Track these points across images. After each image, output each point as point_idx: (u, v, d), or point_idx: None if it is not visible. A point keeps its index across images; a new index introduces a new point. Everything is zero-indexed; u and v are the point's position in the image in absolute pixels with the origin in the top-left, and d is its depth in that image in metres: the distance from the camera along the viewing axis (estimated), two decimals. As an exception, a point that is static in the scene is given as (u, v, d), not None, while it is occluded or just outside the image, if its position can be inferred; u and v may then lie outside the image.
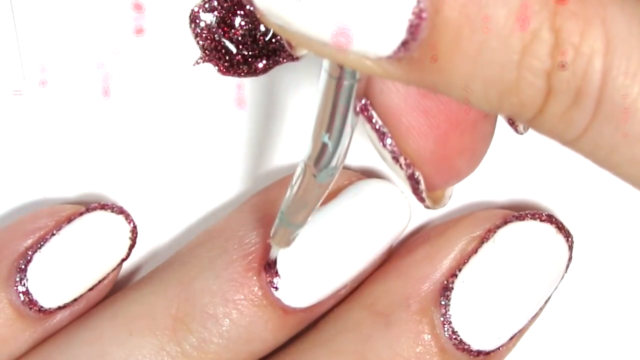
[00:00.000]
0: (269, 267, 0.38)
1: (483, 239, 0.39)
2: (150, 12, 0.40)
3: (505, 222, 0.39)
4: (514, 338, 0.39)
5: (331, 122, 0.29)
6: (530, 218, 0.39)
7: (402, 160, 0.31)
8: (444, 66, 0.25)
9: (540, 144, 0.40)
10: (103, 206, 0.39)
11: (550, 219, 0.39)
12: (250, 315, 0.38)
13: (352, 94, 0.29)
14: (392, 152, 0.30)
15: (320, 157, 0.30)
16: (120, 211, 0.39)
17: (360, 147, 0.40)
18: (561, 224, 0.39)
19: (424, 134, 0.30)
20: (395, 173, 0.31)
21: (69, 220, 0.39)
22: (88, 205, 0.39)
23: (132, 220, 0.39)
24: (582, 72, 0.25)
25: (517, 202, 0.41)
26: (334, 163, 0.30)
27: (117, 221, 0.39)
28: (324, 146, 0.30)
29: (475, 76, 0.25)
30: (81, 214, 0.39)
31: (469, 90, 0.26)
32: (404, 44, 0.25)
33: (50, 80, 0.40)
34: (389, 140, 0.30)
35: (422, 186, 0.31)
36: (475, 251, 0.39)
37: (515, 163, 0.41)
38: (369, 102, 0.30)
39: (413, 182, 0.31)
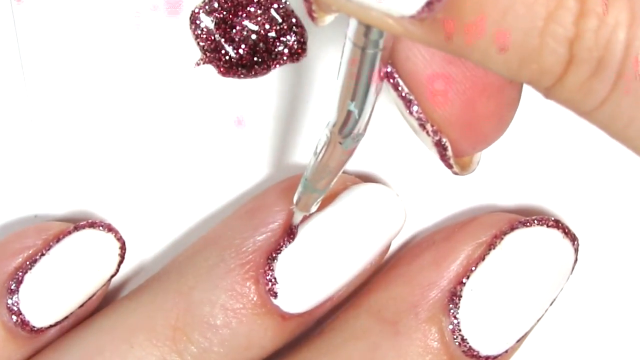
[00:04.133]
0: (291, 232, 0.38)
1: (490, 245, 0.39)
2: (148, 14, 0.40)
3: (512, 228, 0.39)
4: (520, 340, 0.39)
5: (356, 90, 0.29)
6: (537, 224, 0.39)
7: (428, 127, 0.31)
8: (466, 29, 0.26)
9: (544, 144, 0.41)
10: (92, 224, 0.39)
11: (557, 224, 0.39)
12: (250, 324, 0.38)
13: (376, 62, 0.29)
14: (418, 119, 0.30)
15: (345, 124, 0.30)
16: (109, 228, 0.39)
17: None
18: (567, 228, 0.39)
19: (450, 100, 0.30)
20: (422, 140, 0.31)
21: (58, 239, 0.39)
22: (76, 223, 0.39)
23: (120, 236, 0.39)
24: (605, 43, 0.25)
25: (520, 204, 0.42)
26: (358, 129, 0.30)
27: (106, 239, 0.39)
28: (349, 114, 0.30)
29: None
30: (70, 232, 0.39)
31: (489, 55, 0.26)
32: (429, 4, 0.25)
33: (47, 98, 0.40)
34: (415, 108, 0.30)
35: (450, 152, 0.31)
36: (482, 258, 0.38)
37: (518, 164, 0.41)
38: (394, 69, 0.30)
39: (440, 148, 0.31)
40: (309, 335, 0.40)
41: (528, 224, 0.39)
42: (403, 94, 0.30)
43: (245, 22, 0.40)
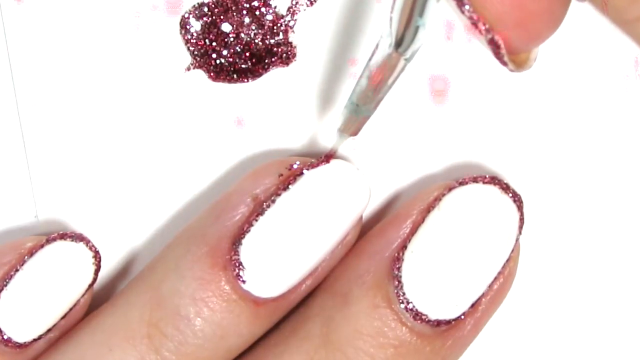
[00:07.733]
0: (327, 158, 0.38)
1: (429, 208, 0.39)
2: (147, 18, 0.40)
3: (449, 189, 0.39)
4: (477, 306, 0.39)
5: (423, 6, 0.31)
6: (472, 182, 0.39)
7: (481, 26, 0.31)
8: None
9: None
10: (62, 235, 0.39)
11: (494, 180, 0.39)
12: (222, 311, 0.38)
13: None
14: (470, 18, 0.31)
15: (412, 39, 0.32)
16: (80, 238, 0.39)
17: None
18: (506, 184, 0.39)
19: None
20: (477, 39, 0.31)
21: (31, 254, 0.39)
22: (48, 236, 0.39)
23: (92, 245, 0.39)
24: None
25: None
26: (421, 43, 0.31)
27: (77, 249, 0.39)
28: (417, 29, 0.31)
29: None
30: (42, 246, 0.39)
31: None
32: None
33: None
34: (467, 7, 0.31)
35: (503, 50, 0.31)
36: (422, 221, 0.39)
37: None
38: None
39: (493, 46, 0.31)
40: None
41: (463, 183, 0.39)
42: (455, -6, 0.31)
43: (236, 27, 0.40)
